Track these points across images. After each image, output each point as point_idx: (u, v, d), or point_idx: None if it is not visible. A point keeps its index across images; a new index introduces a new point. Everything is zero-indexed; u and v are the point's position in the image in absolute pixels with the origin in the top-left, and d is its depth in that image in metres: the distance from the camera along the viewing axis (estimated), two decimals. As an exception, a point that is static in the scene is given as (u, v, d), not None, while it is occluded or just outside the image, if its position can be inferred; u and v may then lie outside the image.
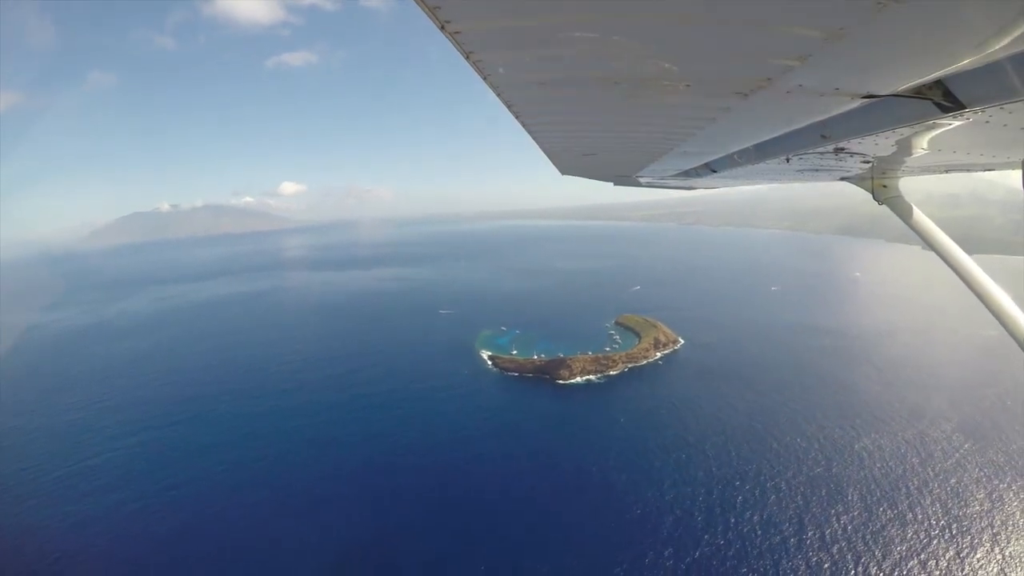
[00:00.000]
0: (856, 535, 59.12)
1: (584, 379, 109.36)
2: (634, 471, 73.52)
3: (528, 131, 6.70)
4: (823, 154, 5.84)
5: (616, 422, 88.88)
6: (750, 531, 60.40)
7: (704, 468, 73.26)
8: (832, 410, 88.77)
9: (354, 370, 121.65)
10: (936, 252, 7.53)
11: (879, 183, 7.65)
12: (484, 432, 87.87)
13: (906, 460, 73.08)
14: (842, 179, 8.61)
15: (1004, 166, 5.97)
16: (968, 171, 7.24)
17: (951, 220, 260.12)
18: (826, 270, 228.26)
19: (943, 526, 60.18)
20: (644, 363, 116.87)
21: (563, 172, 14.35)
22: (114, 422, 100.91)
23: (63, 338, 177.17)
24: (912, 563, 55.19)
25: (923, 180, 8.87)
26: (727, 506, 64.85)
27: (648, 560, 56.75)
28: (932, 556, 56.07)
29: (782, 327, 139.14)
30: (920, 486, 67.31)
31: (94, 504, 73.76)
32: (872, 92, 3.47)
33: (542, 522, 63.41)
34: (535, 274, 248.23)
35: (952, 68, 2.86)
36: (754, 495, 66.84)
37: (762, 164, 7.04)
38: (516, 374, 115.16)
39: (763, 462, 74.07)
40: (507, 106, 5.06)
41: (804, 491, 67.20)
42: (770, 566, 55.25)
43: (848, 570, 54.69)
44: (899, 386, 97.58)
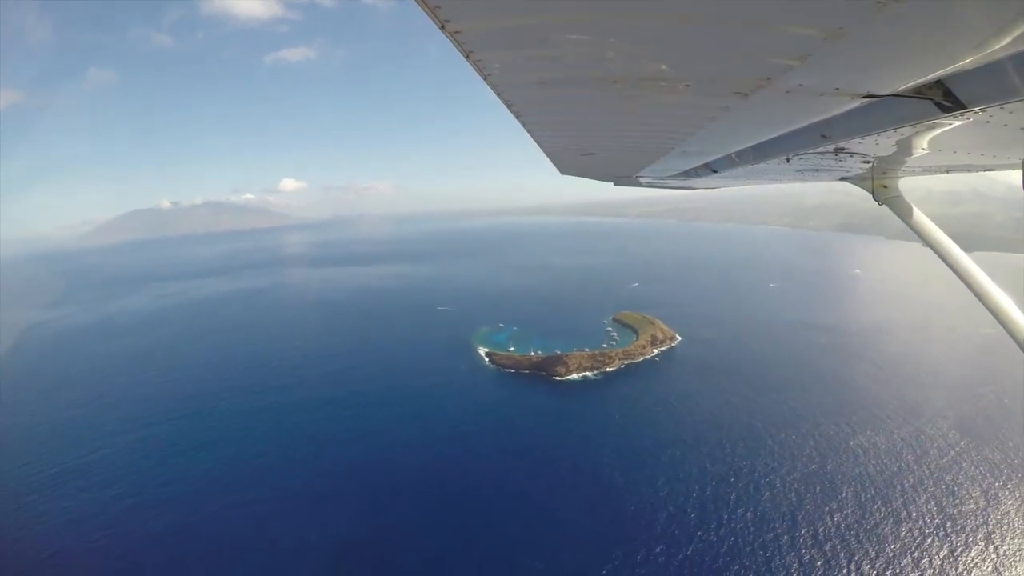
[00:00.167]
0: (849, 532, 59.15)
1: (580, 376, 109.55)
2: (629, 467, 73.67)
3: (528, 131, 6.68)
4: (823, 154, 5.83)
5: (612, 419, 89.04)
6: (743, 528, 60.46)
7: (699, 465, 73.35)
8: (828, 407, 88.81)
9: (352, 367, 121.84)
10: (937, 253, 7.51)
11: (879, 183, 7.65)
12: (480, 429, 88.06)
13: (901, 457, 73.11)
14: (842, 179, 8.60)
15: (1005, 166, 5.96)
16: (968, 171, 7.24)
17: (951, 217, 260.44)
18: (826, 267, 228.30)
19: (937, 524, 60.17)
20: (641, 360, 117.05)
21: (563, 172, 14.30)
22: (113, 419, 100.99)
23: (63, 336, 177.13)
24: (905, 561, 55.18)
25: (923, 177, 8.86)
26: (721, 503, 64.93)
27: (640, 557, 56.87)
28: (926, 554, 56.04)
29: (780, 324, 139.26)
30: (915, 484, 67.31)
31: (90, 500, 73.86)
32: (872, 92, 3.47)
33: (537, 518, 63.55)
34: (534, 271, 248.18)
35: (952, 68, 2.86)
36: (748, 492, 66.91)
37: (762, 164, 7.03)
38: (513, 371, 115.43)
39: (757, 459, 74.11)
40: (507, 106, 5.05)
41: (798, 488, 67.23)
42: (763, 563, 55.36)
43: (841, 567, 54.73)
44: (896, 383, 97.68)
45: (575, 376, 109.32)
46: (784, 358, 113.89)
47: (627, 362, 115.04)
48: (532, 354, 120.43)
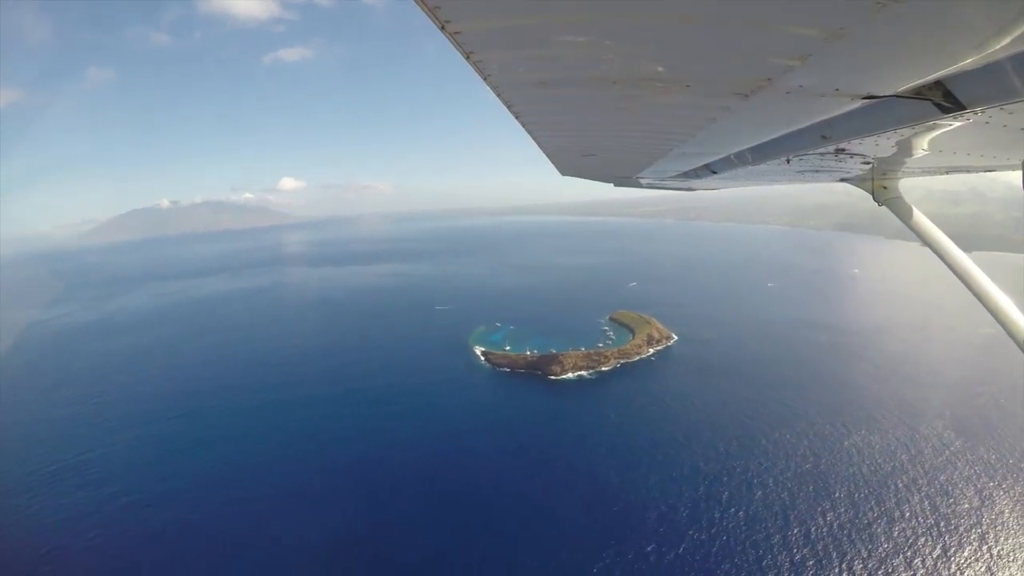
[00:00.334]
0: (842, 532, 59.04)
1: (576, 375, 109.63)
2: (622, 466, 73.70)
3: (528, 132, 6.67)
4: (823, 155, 5.82)
5: (606, 418, 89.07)
6: (735, 527, 60.46)
7: (691, 464, 73.37)
8: (824, 406, 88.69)
9: (350, 364, 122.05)
10: (937, 255, 7.50)
11: (879, 184, 7.64)
12: (474, 427, 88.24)
13: (896, 457, 72.96)
14: (842, 180, 8.59)
15: (1004, 167, 5.95)
16: (968, 172, 7.24)
17: (951, 217, 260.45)
18: (825, 266, 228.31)
19: (931, 524, 59.99)
20: (636, 359, 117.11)
21: (563, 173, 14.26)
22: (112, 416, 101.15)
23: (63, 335, 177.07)
24: (897, 560, 55.00)
25: (923, 177, 8.86)
26: (713, 502, 64.95)
27: (632, 555, 56.89)
28: (919, 554, 55.89)
29: (777, 323, 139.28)
30: (909, 483, 67.13)
31: (88, 497, 73.98)
32: (872, 92, 3.47)
33: (531, 516, 63.65)
34: (532, 270, 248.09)
35: (952, 68, 2.86)
36: (740, 491, 66.89)
37: (762, 165, 7.03)
38: (508, 370, 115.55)
39: (751, 458, 74.07)
40: (507, 106, 5.04)
41: (791, 487, 67.16)
42: (754, 562, 55.34)
43: (833, 566, 54.60)
44: (894, 383, 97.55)
45: (570, 375, 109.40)
46: (781, 357, 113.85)
47: (623, 361, 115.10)
48: (528, 353, 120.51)
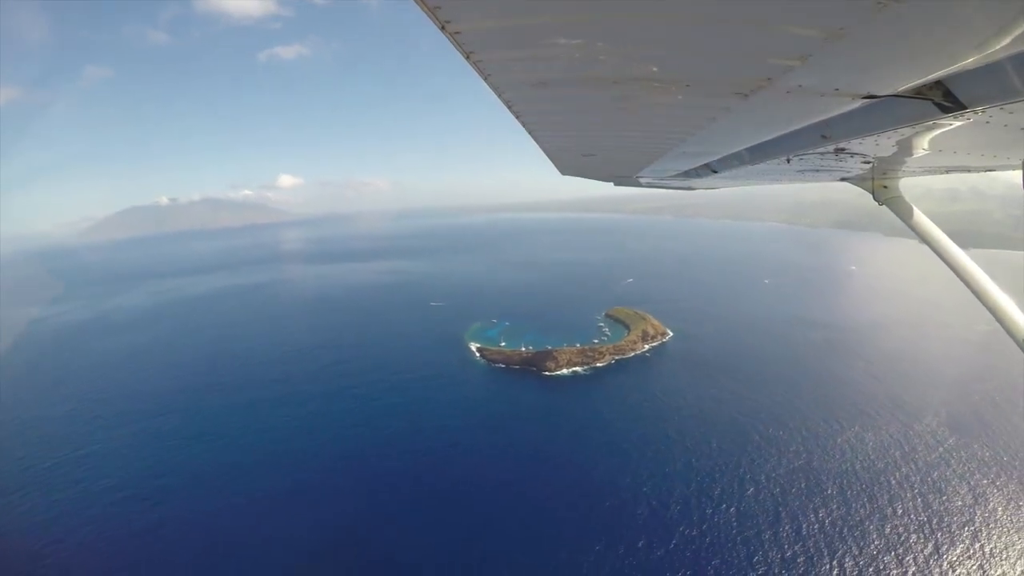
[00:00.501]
0: (833, 529, 59.14)
1: (570, 371, 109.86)
2: (615, 462, 73.88)
3: (528, 131, 6.66)
4: (823, 154, 5.82)
5: (599, 413, 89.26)
6: (726, 523, 60.61)
7: (683, 460, 73.51)
8: (818, 403, 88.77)
9: (346, 361, 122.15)
10: (937, 254, 7.49)
11: (879, 183, 7.63)
12: (468, 423, 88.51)
13: (889, 454, 73.07)
14: (842, 179, 8.58)
15: (1005, 167, 5.95)
16: (968, 172, 7.23)
17: (950, 214, 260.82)
18: (822, 263, 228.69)
19: (923, 521, 60.03)
20: (631, 355, 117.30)
21: (563, 172, 14.27)
22: (109, 413, 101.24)
23: (62, 333, 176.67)
24: (888, 558, 55.01)
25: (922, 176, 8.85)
26: (704, 498, 65.08)
27: (623, 550, 57.04)
28: (910, 551, 55.91)
29: (773, 320, 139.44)
30: (902, 480, 67.19)
31: (84, 493, 74.15)
32: (872, 92, 3.46)
33: (523, 511, 63.88)
34: (530, 267, 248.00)
35: (952, 68, 2.86)
36: (732, 487, 67.01)
37: (762, 164, 7.02)
38: (503, 366, 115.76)
39: (743, 455, 74.21)
40: (507, 106, 5.04)
41: (783, 484, 67.26)
42: (744, 558, 55.50)
43: (824, 563, 54.69)
44: (888, 380, 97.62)
45: (565, 371, 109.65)
46: (776, 354, 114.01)
47: (617, 358, 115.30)
48: (523, 349, 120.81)
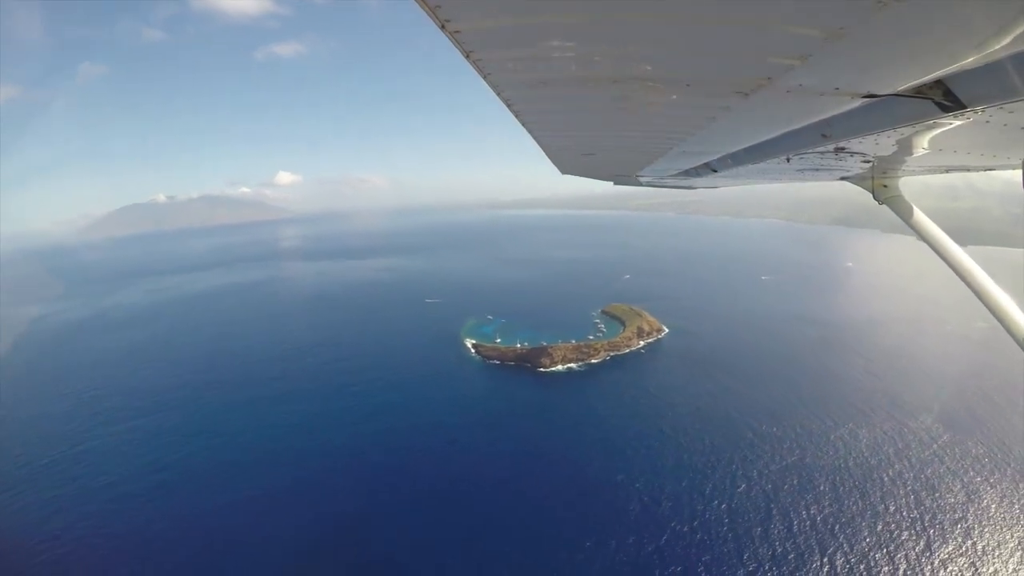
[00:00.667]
0: (825, 525, 59.22)
1: (565, 367, 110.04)
2: (608, 458, 74.06)
3: (528, 130, 6.66)
4: (823, 154, 5.82)
5: (594, 410, 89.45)
6: (717, 519, 60.78)
7: (676, 457, 73.68)
8: (813, 400, 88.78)
9: (343, 357, 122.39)
10: (937, 253, 7.48)
11: (879, 183, 7.63)
12: (463, 420, 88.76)
13: (882, 451, 73.09)
14: (842, 179, 8.59)
15: (1004, 166, 5.95)
16: (968, 171, 7.23)
17: (949, 211, 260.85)
18: (819, 260, 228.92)
19: (915, 518, 60.02)
20: (626, 351, 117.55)
21: (563, 171, 14.26)
22: (106, 409, 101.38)
23: (62, 331, 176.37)
24: (879, 554, 54.99)
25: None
26: (696, 494, 65.23)
27: (614, 546, 57.22)
28: (902, 548, 55.94)
29: (770, 316, 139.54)
30: (895, 477, 67.19)
31: (81, 489, 74.35)
32: (872, 92, 3.46)
33: (518, 507, 64.16)
34: (527, 264, 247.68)
35: (952, 68, 2.85)
36: (724, 484, 67.16)
37: (762, 164, 7.02)
38: (498, 362, 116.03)
39: (736, 451, 74.34)
40: (507, 105, 5.03)
41: (776, 480, 67.35)
42: (735, 554, 55.65)
43: (814, 559, 54.76)
44: (885, 377, 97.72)
45: (560, 367, 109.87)
46: (772, 350, 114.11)
47: (612, 354, 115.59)
48: (518, 346, 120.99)
